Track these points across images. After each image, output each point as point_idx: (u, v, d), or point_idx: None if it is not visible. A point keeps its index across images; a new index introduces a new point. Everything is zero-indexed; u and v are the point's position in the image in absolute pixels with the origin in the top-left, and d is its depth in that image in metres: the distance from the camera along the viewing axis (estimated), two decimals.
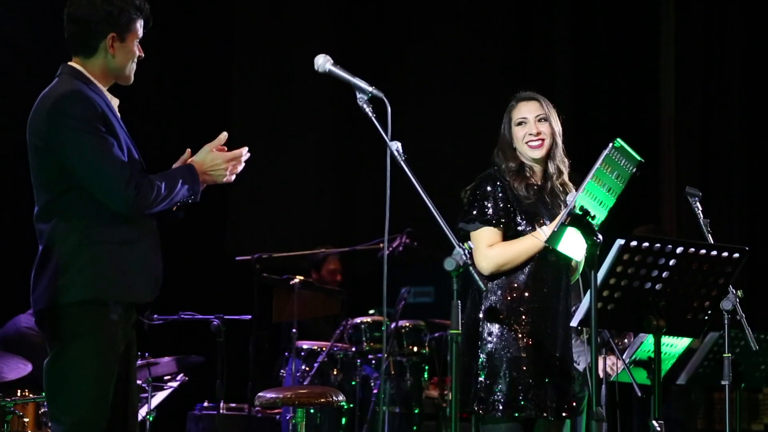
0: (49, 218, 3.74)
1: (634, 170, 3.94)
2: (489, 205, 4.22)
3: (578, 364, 4.66)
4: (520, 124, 4.33)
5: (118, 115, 3.86)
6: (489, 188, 4.25)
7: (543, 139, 4.30)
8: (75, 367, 3.67)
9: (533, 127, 4.31)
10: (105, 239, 3.71)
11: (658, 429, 3.77)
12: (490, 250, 4.19)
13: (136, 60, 3.89)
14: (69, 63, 3.86)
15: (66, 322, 3.68)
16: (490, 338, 4.16)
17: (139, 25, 3.86)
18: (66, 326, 3.68)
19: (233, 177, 3.94)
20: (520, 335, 4.16)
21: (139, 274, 3.78)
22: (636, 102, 8.88)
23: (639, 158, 3.94)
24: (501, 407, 4.11)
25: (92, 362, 3.68)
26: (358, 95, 3.54)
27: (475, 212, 4.23)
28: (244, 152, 3.91)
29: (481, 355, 4.16)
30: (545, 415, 4.15)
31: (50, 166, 3.73)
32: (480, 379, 4.14)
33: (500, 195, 4.23)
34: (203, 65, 8.73)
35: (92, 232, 3.70)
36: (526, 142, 4.30)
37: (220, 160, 3.88)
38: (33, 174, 3.81)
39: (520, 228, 4.21)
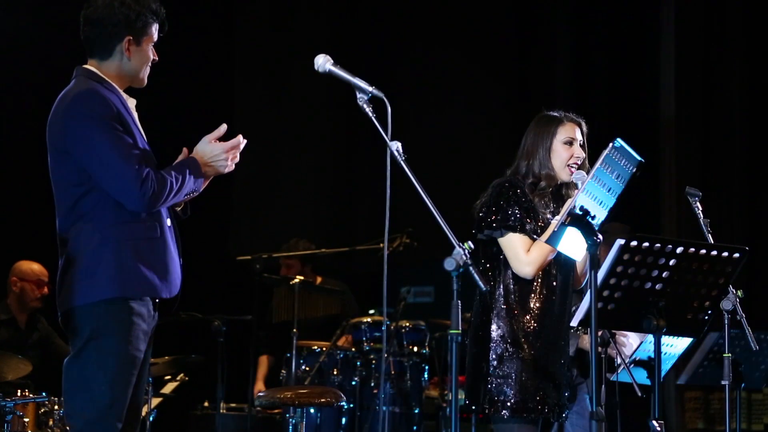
0: (71, 224, 3.75)
1: (634, 170, 3.94)
2: (518, 210, 4.18)
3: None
4: (567, 143, 4.30)
5: (135, 114, 3.87)
6: (517, 195, 4.21)
7: (579, 165, 4.29)
8: (95, 367, 3.68)
9: (581, 151, 4.31)
10: (127, 237, 3.72)
11: (658, 429, 3.77)
12: (530, 254, 4.16)
13: (150, 64, 3.91)
14: (84, 65, 3.88)
15: (89, 322, 3.68)
16: (500, 340, 4.16)
17: (155, 29, 3.89)
18: (88, 325, 3.68)
19: (233, 166, 3.94)
20: (530, 337, 4.17)
21: (163, 270, 3.78)
22: (636, 102, 8.86)
23: (639, 158, 3.95)
24: (510, 408, 4.12)
25: (112, 362, 3.68)
26: (358, 95, 3.54)
27: (508, 219, 4.18)
28: (241, 140, 3.92)
29: (492, 356, 4.16)
30: (550, 416, 4.18)
31: (68, 168, 3.74)
32: (489, 380, 4.15)
33: (526, 204, 4.21)
34: (204, 68, 8.74)
35: (113, 231, 3.71)
36: (569, 164, 4.28)
37: (220, 150, 3.89)
38: (53, 181, 3.81)
39: (534, 238, 4.19)
